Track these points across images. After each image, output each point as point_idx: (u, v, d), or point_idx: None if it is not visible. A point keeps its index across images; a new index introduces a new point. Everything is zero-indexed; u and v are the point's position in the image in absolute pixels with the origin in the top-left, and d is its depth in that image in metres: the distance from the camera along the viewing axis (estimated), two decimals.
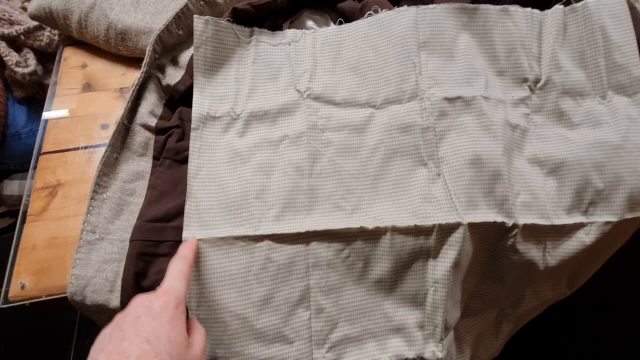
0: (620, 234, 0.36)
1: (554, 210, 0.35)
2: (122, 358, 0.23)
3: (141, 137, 0.40)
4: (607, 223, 0.35)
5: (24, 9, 0.56)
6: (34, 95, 0.58)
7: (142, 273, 0.35)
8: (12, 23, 0.53)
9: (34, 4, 0.47)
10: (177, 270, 0.30)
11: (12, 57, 0.52)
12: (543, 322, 0.41)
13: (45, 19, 0.47)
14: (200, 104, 0.39)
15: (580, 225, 0.35)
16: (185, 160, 0.39)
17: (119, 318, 0.26)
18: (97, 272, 0.35)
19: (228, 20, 0.40)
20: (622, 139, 0.35)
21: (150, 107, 0.41)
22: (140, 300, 0.27)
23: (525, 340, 0.43)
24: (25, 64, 0.54)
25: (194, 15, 0.39)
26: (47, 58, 0.55)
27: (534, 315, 0.42)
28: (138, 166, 0.40)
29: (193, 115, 0.38)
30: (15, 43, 0.54)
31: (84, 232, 0.37)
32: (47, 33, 0.53)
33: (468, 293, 0.38)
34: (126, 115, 0.40)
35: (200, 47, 0.39)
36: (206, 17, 0.39)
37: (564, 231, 0.35)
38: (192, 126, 0.38)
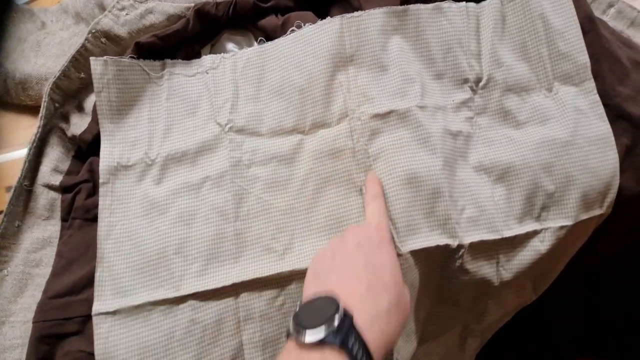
0: (578, 235, 0.33)
1: (504, 220, 0.32)
2: (354, 280, 0.24)
3: (45, 198, 0.36)
4: (562, 227, 0.32)
5: None
6: None
7: (46, 359, 0.30)
8: None
9: None
10: (378, 208, 0.29)
11: None
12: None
13: None
14: (109, 154, 0.35)
15: (534, 234, 0.32)
16: (97, 218, 0.35)
17: (336, 244, 0.27)
18: None
19: (132, 57, 0.36)
20: (570, 134, 0.32)
21: (54, 164, 0.37)
22: (358, 231, 0.27)
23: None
24: None
25: (90, 58, 0.35)
26: None
27: (501, 324, 0.38)
28: (44, 232, 0.35)
29: (101, 168, 0.34)
30: None
31: None
32: None
33: (423, 320, 0.34)
34: (25, 177, 0.35)
35: (102, 92, 0.35)
36: (104, 57, 0.35)
37: (516, 242, 0.32)
38: (101, 181, 0.34)
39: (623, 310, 0.48)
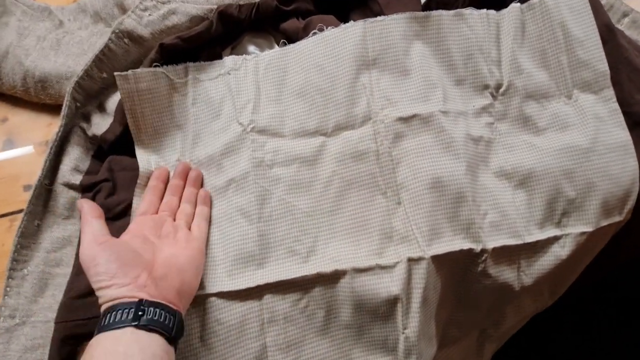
0: (598, 241, 0.33)
1: (525, 226, 0.32)
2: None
3: (65, 197, 0.36)
4: (583, 233, 0.32)
5: None
6: None
7: (69, 359, 0.30)
8: None
9: None
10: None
11: None
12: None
13: None
14: (146, 161, 0.35)
15: (555, 239, 0.32)
16: (118, 217, 0.35)
17: None
18: None
19: (156, 65, 0.36)
20: (591, 141, 0.32)
21: (74, 163, 0.36)
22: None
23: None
24: None
25: (115, 74, 0.34)
26: None
27: (516, 329, 0.39)
28: (64, 231, 0.35)
29: (140, 172, 0.35)
30: None
31: (2, 318, 0.32)
32: None
33: (443, 324, 0.34)
34: (45, 176, 0.35)
35: (130, 104, 0.35)
36: (128, 72, 0.35)
37: (537, 247, 0.32)
38: (138, 182, 0.34)
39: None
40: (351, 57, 0.35)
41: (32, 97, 0.41)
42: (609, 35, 0.35)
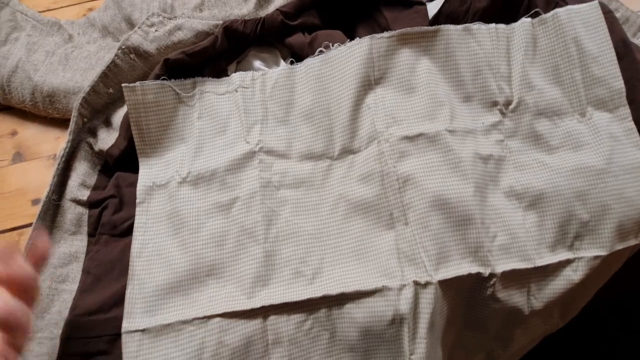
0: (612, 264, 0.32)
1: (536, 249, 0.31)
2: None
3: (72, 213, 0.36)
4: (597, 257, 0.31)
5: None
6: None
7: None
8: None
9: None
10: None
11: None
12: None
13: None
14: (146, 174, 0.35)
15: (567, 263, 0.31)
16: (124, 234, 0.35)
17: None
18: None
19: (163, 78, 0.36)
20: (605, 161, 0.31)
21: (81, 179, 0.37)
22: None
23: None
24: None
25: (123, 85, 0.34)
26: None
27: (526, 351, 0.37)
28: (71, 247, 0.35)
29: (138, 188, 0.34)
30: None
31: None
32: None
33: (449, 347, 0.34)
34: (53, 191, 0.35)
35: (136, 116, 0.35)
36: (137, 83, 0.35)
37: (548, 271, 0.31)
38: (138, 200, 0.34)
39: None
40: (357, 79, 0.35)
41: (41, 112, 0.42)
42: (624, 50, 0.34)
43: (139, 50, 0.38)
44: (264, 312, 0.30)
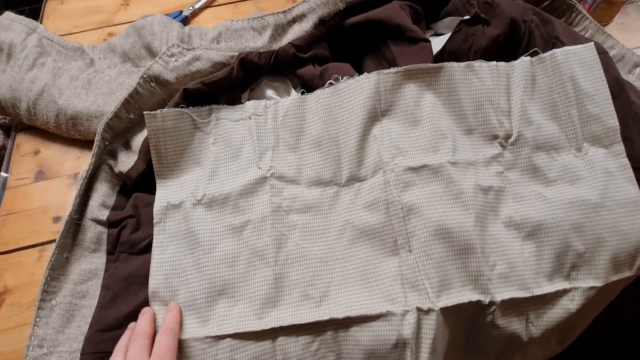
0: (607, 294, 0.34)
1: (534, 278, 0.33)
2: None
3: (93, 232, 0.38)
4: (592, 288, 0.32)
5: None
6: None
7: None
8: None
9: None
10: (164, 345, 0.30)
11: None
12: None
13: None
14: (162, 195, 0.37)
15: (564, 292, 0.33)
16: (142, 252, 0.37)
17: None
18: None
19: (182, 106, 0.38)
20: (600, 196, 0.33)
21: (102, 199, 0.39)
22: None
23: None
24: None
25: (145, 113, 0.37)
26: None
27: None
28: (90, 264, 0.37)
29: (155, 208, 0.36)
30: None
31: (30, 347, 0.33)
32: None
33: None
34: (76, 211, 0.37)
35: (155, 141, 0.37)
36: (156, 111, 0.37)
37: (546, 300, 0.33)
38: (155, 220, 0.36)
39: None
40: (364, 110, 0.37)
41: (63, 133, 0.44)
42: (619, 90, 0.36)
43: (160, 79, 0.40)
44: (273, 333, 0.32)
